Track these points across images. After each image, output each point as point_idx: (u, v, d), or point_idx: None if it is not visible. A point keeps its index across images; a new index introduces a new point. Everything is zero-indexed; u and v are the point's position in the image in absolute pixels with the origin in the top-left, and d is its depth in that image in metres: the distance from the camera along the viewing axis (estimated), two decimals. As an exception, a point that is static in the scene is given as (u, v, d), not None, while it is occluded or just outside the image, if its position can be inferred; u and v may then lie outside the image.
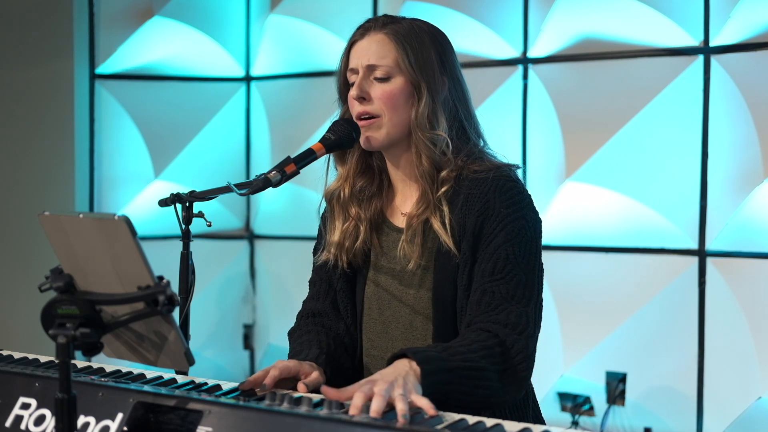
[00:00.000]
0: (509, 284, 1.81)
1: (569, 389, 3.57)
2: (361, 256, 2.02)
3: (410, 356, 1.62)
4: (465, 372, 1.66)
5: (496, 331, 1.75)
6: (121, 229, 1.43)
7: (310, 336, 2.00)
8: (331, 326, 2.04)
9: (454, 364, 1.65)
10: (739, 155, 3.25)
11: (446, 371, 1.64)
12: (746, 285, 3.23)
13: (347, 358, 2.01)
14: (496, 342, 1.73)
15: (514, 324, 1.77)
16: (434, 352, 1.66)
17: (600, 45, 3.48)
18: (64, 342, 1.39)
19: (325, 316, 2.06)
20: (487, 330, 1.76)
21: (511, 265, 1.82)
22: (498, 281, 1.81)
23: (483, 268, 1.84)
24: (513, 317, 1.77)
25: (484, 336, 1.74)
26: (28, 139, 4.05)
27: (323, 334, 2.00)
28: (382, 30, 1.94)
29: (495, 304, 1.79)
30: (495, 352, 1.72)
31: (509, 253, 1.83)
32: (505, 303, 1.79)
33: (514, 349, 1.74)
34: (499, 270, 1.82)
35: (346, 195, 2.02)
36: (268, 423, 1.44)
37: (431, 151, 1.92)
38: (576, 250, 3.53)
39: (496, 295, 1.80)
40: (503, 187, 1.89)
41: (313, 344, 1.95)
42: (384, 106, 1.92)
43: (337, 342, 2.00)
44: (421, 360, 1.61)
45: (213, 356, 4.24)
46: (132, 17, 4.10)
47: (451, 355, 1.67)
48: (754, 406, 3.17)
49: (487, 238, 1.85)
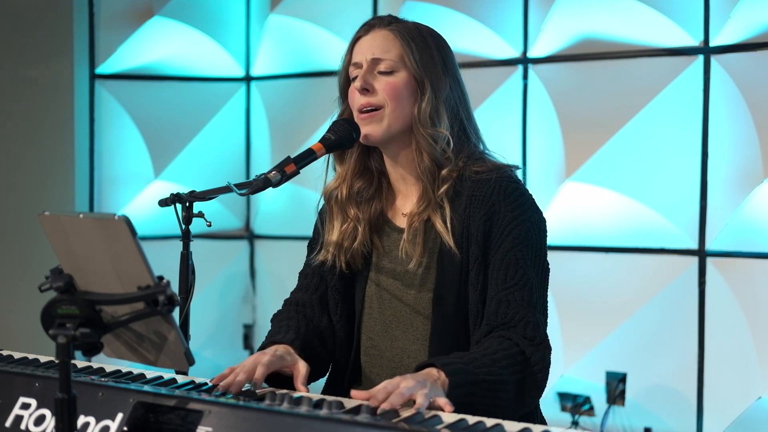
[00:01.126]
0: (523, 290, 1.84)
1: (569, 389, 3.57)
2: (359, 257, 2.03)
3: (439, 367, 1.66)
4: (489, 385, 1.70)
5: (516, 340, 1.79)
6: (121, 229, 1.43)
7: (290, 321, 2.02)
8: (312, 317, 2.05)
9: (480, 377, 1.69)
10: (739, 155, 3.24)
11: (472, 384, 1.68)
12: (746, 285, 3.22)
13: (323, 350, 2.02)
14: (518, 351, 1.78)
15: (532, 336, 1.81)
16: (462, 364, 1.69)
17: (600, 45, 3.48)
18: (64, 342, 1.39)
19: (308, 307, 2.07)
20: (508, 338, 1.80)
21: (522, 269, 1.85)
22: (511, 288, 1.84)
23: (495, 275, 1.87)
24: (531, 329, 1.81)
25: (507, 344, 1.78)
26: (28, 139, 4.04)
27: (303, 322, 2.02)
28: (387, 27, 1.97)
29: (512, 314, 1.83)
30: (517, 360, 1.76)
31: (519, 257, 1.86)
32: (521, 311, 1.83)
33: (533, 360, 1.78)
34: (511, 276, 1.85)
35: (343, 196, 2.03)
36: (268, 423, 1.44)
37: (432, 148, 1.92)
38: (576, 250, 3.53)
39: (512, 304, 1.83)
40: (507, 189, 1.90)
41: (291, 329, 1.98)
42: (387, 98, 1.93)
43: (314, 333, 2.02)
44: (450, 372, 1.65)
45: (213, 356, 4.24)
46: (132, 17, 4.10)
47: (477, 367, 1.70)
48: (754, 406, 3.17)
49: (496, 242, 1.88)
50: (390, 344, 1.99)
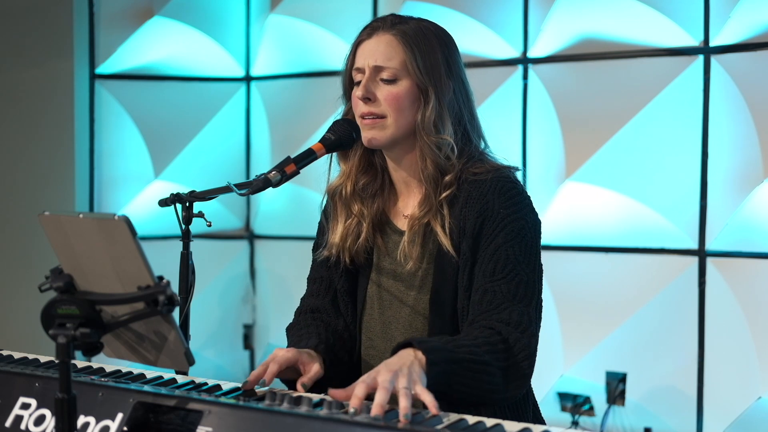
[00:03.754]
0: (510, 284, 1.81)
1: (569, 389, 3.57)
2: (363, 254, 2.02)
3: (416, 345, 1.62)
4: (470, 364, 1.66)
5: (499, 328, 1.75)
6: (121, 229, 1.43)
7: (309, 329, 2.00)
8: (330, 322, 2.04)
9: (460, 356, 1.65)
10: (739, 155, 3.25)
11: (451, 362, 1.63)
12: (746, 285, 3.23)
13: (345, 354, 2.01)
14: (500, 339, 1.73)
15: (517, 322, 1.77)
16: (440, 343, 1.66)
17: (600, 45, 3.48)
18: (64, 342, 1.39)
19: (324, 312, 2.06)
20: (490, 327, 1.76)
21: (512, 264, 1.82)
22: (499, 281, 1.81)
23: (484, 268, 1.84)
24: (515, 316, 1.77)
25: (488, 332, 1.74)
26: (28, 140, 4.05)
27: (322, 328, 2.00)
28: (390, 31, 1.92)
29: (497, 303, 1.79)
30: (498, 348, 1.72)
31: (510, 254, 1.83)
32: (507, 302, 1.79)
33: (516, 347, 1.74)
34: (500, 270, 1.82)
35: (348, 192, 2.02)
36: (268, 423, 1.44)
37: (436, 156, 1.91)
38: (576, 250, 3.53)
39: (497, 294, 1.80)
40: (502, 188, 1.89)
41: (312, 335, 1.96)
42: (390, 108, 1.91)
43: (335, 337, 2.00)
44: (427, 350, 1.61)
45: (213, 356, 4.24)
46: (132, 17, 4.10)
47: (456, 346, 1.67)
48: (754, 406, 3.17)
49: (487, 238, 1.85)
50: (390, 345, 1.98)
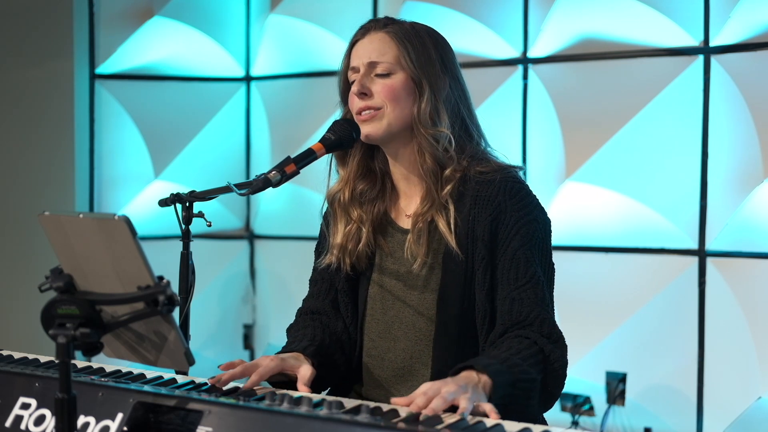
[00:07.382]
0: (536, 288, 1.85)
1: (569, 389, 3.57)
2: (364, 259, 2.03)
3: (479, 369, 1.64)
4: (524, 384, 1.70)
5: (535, 338, 1.79)
6: (121, 229, 1.43)
7: (305, 330, 2.01)
8: (328, 324, 2.05)
9: (516, 377, 1.69)
10: (739, 155, 3.25)
11: (511, 385, 1.67)
12: (746, 285, 3.23)
13: (341, 356, 2.02)
14: (538, 350, 1.78)
15: (549, 333, 1.82)
16: (499, 364, 1.68)
17: (600, 45, 3.48)
18: (64, 342, 1.39)
19: (323, 314, 2.07)
20: (526, 337, 1.80)
21: (532, 268, 1.86)
22: (524, 287, 1.85)
23: (507, 275, 1.87)
24: (547, 327, 1.82)
25: (526, 344, 1.78)
26: (28, 140, 4.05)
27: (319, 330, 2.02)
28: (383, 29, 1.96)
29: (526, 312, 1.83)
30: (539, 359, 1.77)
31: (528, 256, 1.87)
32: (536, 309, 1.83)
33: (552, 357, 1.79)
34: (522, 275, 1.85)
35: (346, 198, 2.03)
36: (268, 423, 1.44)
37: (434, 148, 1.92)
38: (576, 250, 3.53)
39: (525, 302, 1.84)
40: (512, 189, 1.91)
41: (305, 337, 1.97)
42: (386, 99, 1.92)
43: (332, 338, 2.01)
44: (493, 373, 1.64)
45: (213, 356, 4.24)
46: (132, 17, 4.10)
47: (511, 367, 1.70)
48: (754, 406, 3.17)
49: (504, 242, 1.88)
50: (392, 345, 1.99)
